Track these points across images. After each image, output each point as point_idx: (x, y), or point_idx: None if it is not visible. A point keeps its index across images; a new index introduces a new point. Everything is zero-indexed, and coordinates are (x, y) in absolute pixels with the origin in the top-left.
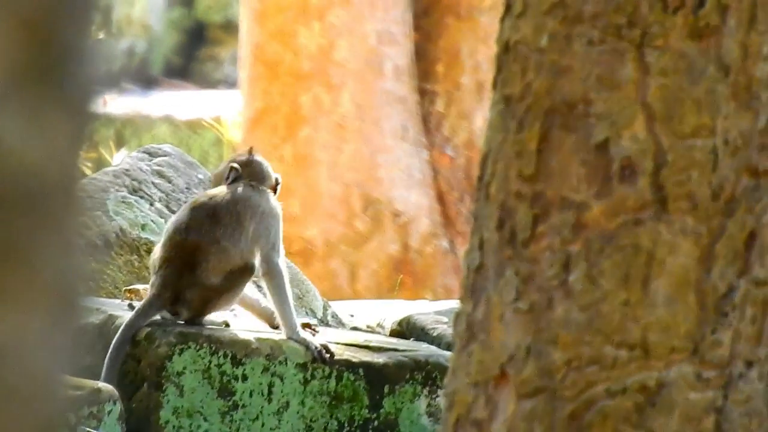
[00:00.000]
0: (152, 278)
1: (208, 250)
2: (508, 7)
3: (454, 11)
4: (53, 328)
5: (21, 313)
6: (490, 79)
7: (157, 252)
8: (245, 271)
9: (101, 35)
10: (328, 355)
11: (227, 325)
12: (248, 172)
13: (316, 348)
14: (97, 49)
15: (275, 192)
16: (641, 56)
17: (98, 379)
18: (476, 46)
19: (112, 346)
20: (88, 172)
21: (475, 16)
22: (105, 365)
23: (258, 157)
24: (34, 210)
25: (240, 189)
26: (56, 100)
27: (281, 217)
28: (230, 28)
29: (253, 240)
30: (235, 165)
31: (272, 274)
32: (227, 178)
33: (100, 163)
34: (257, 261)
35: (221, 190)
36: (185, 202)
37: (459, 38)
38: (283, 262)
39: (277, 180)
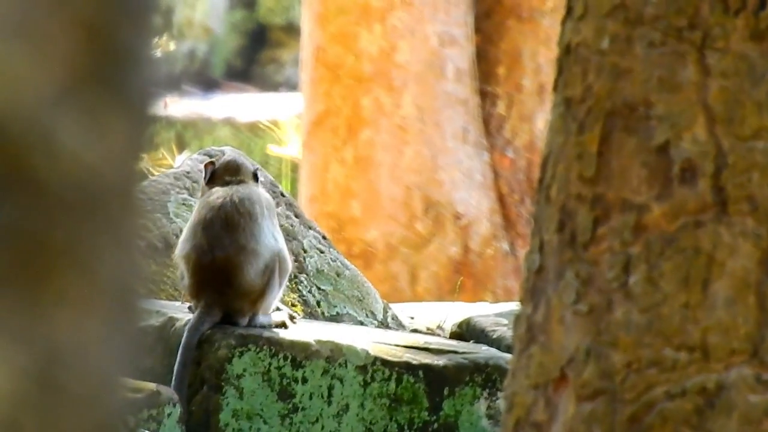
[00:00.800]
0: (192, 301)
1: (239, 259)
2: (569, 10)
3: (516, 13)
4: (112, 331)
5: (80, 316)
6: (551, 82)
7: (181, 271)
8: (281, 260)
9: (162, 38)
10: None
11: (286, 327)
12: (224, 166)
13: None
14: (157, 51)
15: (257, 180)
16: (702, 58)
17: (158, 382)
18: (537, 48)
19: (179, 353)
20: (151, 174)
21: (536, 18)
22: (174, 373)
23: (233, 152)
24: (93, 213)
25: (236, 191)
26: (116, 103)
27: (274, 207)
28: (292, 30)
29: (269, 231)
30: (211, 160)
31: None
32: (205, 176)
33: (161, 166)
34: (282, 245)
35: (219, 200)
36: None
37: (520, 40)
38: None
39: (255, 168)
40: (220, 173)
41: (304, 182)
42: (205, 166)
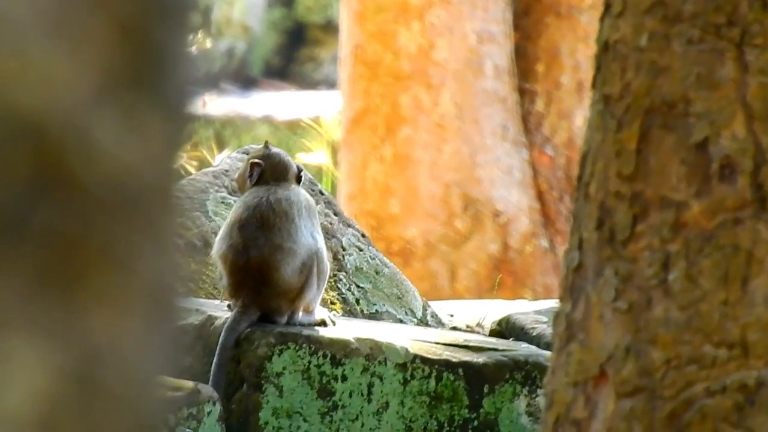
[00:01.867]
0: (231, 300)
1: (275, 259)
2: (607, 7)
3: (554, 10)
4: (151, 330)
5: (118, 315)
6: (590, 79)
7: (219, 271)
8: (319, 259)
9: (200, 36)
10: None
11: (326, 325)
12: (270, 166)
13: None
14: (195, 50)
15: (299, 182)
16: (741, 55)
17: (198, 380)
18: (576, 46)
19: (216, 353)
20: (190, 172)
21: (575, 15)
22: (212, 372)
23: (276, 150)
24: (131, 212)
25: (273, 192)
26: (153, 102)
27: (315, 208)
28: (330, 28)
29: (307, 231)
30: (257, 161)
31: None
32: (251, 176)
33: (200, 164)
34: (321, 245)
35: (256, 199)
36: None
37: (559, 37)
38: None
39: (299, 168)
40: (267, 174)
41: (342, 180)
42: (251, 166)
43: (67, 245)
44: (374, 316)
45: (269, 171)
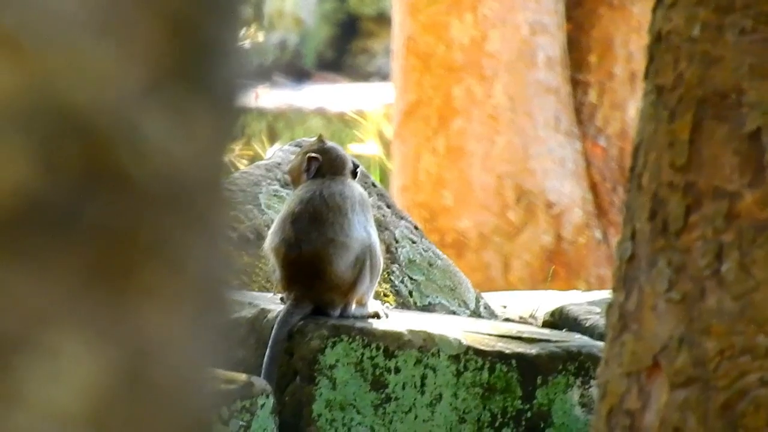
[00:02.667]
0: (283, 293)
1: (327, 253)
2: None
3: (607, 1)
4: (201, 324)
5: (169, 310)
6: (643, 69)
7: (272, 264)
8: (372, 252)
9: (252, 29)
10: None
11: (379, 318)
12: (327, 160)
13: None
14: (247, 43)
15: (355, 177)
16: None
17: (251, 373)
18: (629, 36)
19: (268, 346)
20: (241, 166)
21: (627, 6)
22: (264, 365)
23: (332, 144)
24: (181, 207)
25: (327, 186)
26: (203, 96)
27: (369, 202)
28: (382, 20)
29: (361, 225)
30: (315, 155)
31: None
32: (308, 170)
33: (253, 157)
34: (375, 239)
35: (309, 193)
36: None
37: (611, 28)
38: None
39: (354, 164)
40: (323, 168)
41: (395, 172)
42: (309, 160)
43: (118, 240)
44: (427, 308)
45: (326, 165)
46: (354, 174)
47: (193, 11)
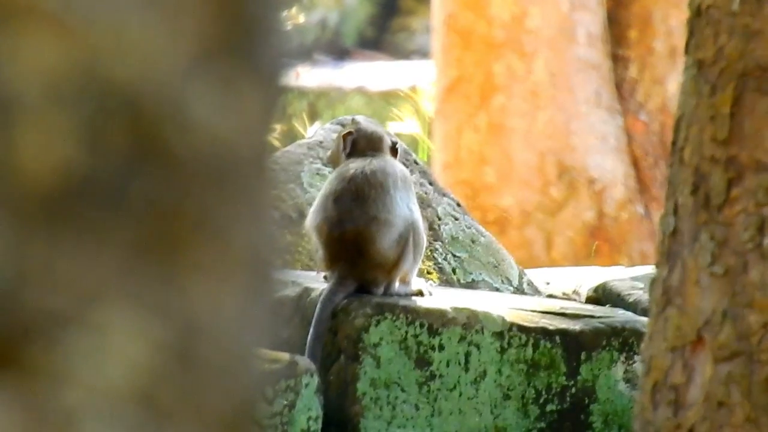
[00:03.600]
0: (326, 272)
1: (370, 231)
2: None
3: None
4: (248, 302)
5: (216, 287)
6: (683, 44)
7: (315, 243)
8: (415, 230)
9: (294, 8)
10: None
11: (423, 295)
12: (362, 136)
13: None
14: (289, 22)
15: (395, 154)
16: None
17: (295, 352)
18: (669, 11)
19: (312, 325)
20: (280, 144)
21: None
22: (308, 344)
23: (368, 122)
24: (227, 184)
25: (369, 163)
26: (248, 73)
27: (411, 179)
28: None
29: (404, 202)
30: (349, 130)
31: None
32: (344, 147)
33: (294, 136)
34: (417, 216)
35: (351, 171)
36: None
37: (651, 3)
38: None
39: (393, 141)
40: (361, 145)
41: (437, 150)
42: (344, 137)
43: (165, 217)
44: (471, 285)
45: (363, 142)
46: (394, 151)
47: None
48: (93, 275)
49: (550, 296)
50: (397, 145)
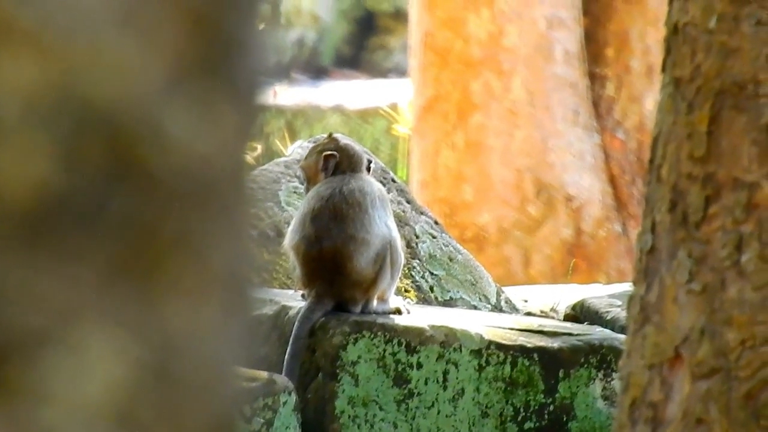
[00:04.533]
0: (304, 290)
1: (348, 250)
2: None
3: None
4: (226, 320)
5: (194, 305)
6: (660, 62)
7: (292, 261)
8: (393, 248)
9: (270, 26)
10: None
11: (401, 313)
12: (345, 157)
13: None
14: (266, 39)
15: (369, 172)
16: None
17: (273, 370)
18: (645, 29)
19: (290, 343)
20: (258, 163)
21: None
22: (285, 362)
23: (347, 140)
24: (204, 202)
25: (346, 182)
26: (225, 92)
27: (388, 197)
28: (400, 16)
29: (381, 220)
30: (332, 152)
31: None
32: (325, 168)
33: (271, 155)
34: (395, 235)
35: (329, 190)
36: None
37: (628, 21)
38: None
39: (369, 160)
40: (342, 165)
41: (415, 168)
42: (325, 157)
43: (142, 235)
44: (448, 303)
45: (344, 162)
46: (368, 169)
47: (215, 6)
48: (71, 294)
49: (528, 314)
50: (371, 163)
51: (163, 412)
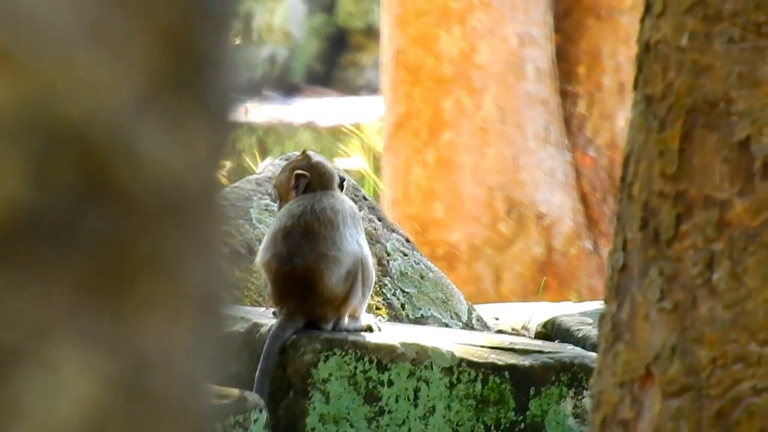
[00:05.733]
0: (275, 308)
1: (319, 267)
2: (648, 7)
3: (595, 12)
4: (197, 337)
5: (166, 322)
6: (632, 80)
7: (264, 279)
8: (364, 266)
9: (242, 43)
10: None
11: (372, 331)
12: (316, 176)
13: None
14: (238, 56)
15: (342, 189)
16: None
17: (244, 388)
18: (617, 47)
19: (261, 360)
20: (229, 180)
21: (615, 17)
22: (256, 379)
23: (319, 158)
24: (176, 220)
25: (318, 200)
26: (197, 109)
27: (359, 215)
28: (371, 33)
29: (353, 238)
30: (303, 172)
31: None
32: (296, 187)
33: (243, 172)
34: (366, 252)
35: (300, 208)
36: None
37: (600, 39)
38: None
39: (341, 177)
40: (313, 183)
41: (386, 185)
42: (297, 176)
43: (114, 252)
44: (420, 320)
45: (315, 180)
46: (341, 186)
47: (187, 24)
48: (43, 311)
49: (500, 331)
50: (344, 181)
51: (135, 429)
